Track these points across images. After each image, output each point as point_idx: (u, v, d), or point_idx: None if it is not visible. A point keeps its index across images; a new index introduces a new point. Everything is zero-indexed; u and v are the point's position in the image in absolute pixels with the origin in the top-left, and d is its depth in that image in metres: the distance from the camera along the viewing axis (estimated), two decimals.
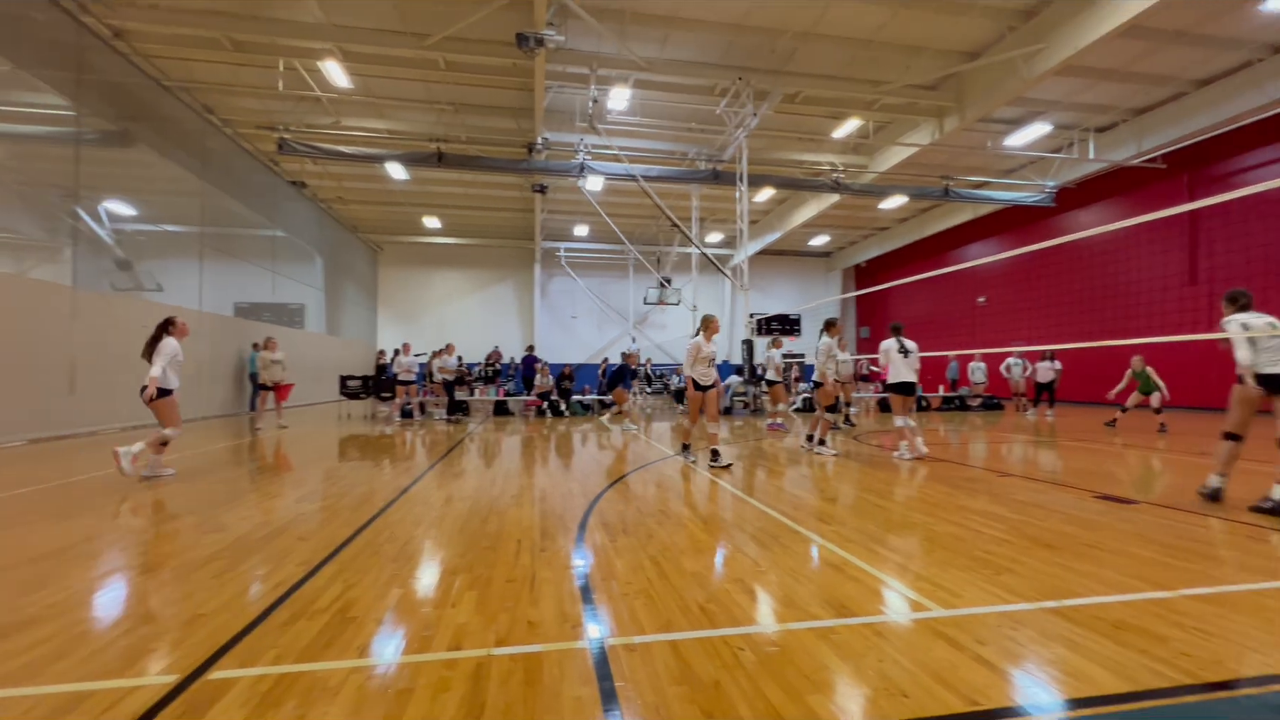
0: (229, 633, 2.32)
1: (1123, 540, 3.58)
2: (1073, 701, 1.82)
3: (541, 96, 11.85)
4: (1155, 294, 15.37)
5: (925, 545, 3.49)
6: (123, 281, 11.60)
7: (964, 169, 17.22)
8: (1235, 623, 2.40)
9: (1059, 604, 2.59)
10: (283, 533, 3.79)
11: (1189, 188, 14.64)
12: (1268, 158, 13.17)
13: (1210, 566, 3.10)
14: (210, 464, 6.75)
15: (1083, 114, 14.02)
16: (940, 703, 1.80)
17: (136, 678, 1.98)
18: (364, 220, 22.48)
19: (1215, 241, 14.11)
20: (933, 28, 10.75)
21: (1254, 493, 4.64)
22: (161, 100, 12.18)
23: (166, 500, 4.76)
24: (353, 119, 14.04)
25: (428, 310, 25.03)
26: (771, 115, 13.22)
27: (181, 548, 3.46)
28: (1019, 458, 7.31)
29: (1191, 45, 10.98)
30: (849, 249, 26.92)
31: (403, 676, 1.99)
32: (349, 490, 5.20)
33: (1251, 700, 1.84)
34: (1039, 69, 10.45)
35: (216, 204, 13.92)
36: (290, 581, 2.89)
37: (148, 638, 2.28)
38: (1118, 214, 16.23)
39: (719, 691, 1.88)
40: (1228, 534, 3.76)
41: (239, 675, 1.99)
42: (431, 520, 4.13)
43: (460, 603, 2.63)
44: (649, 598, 2.68)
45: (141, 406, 9.13)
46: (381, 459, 7.23)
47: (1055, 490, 5.16)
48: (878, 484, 5.50)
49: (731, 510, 4.48)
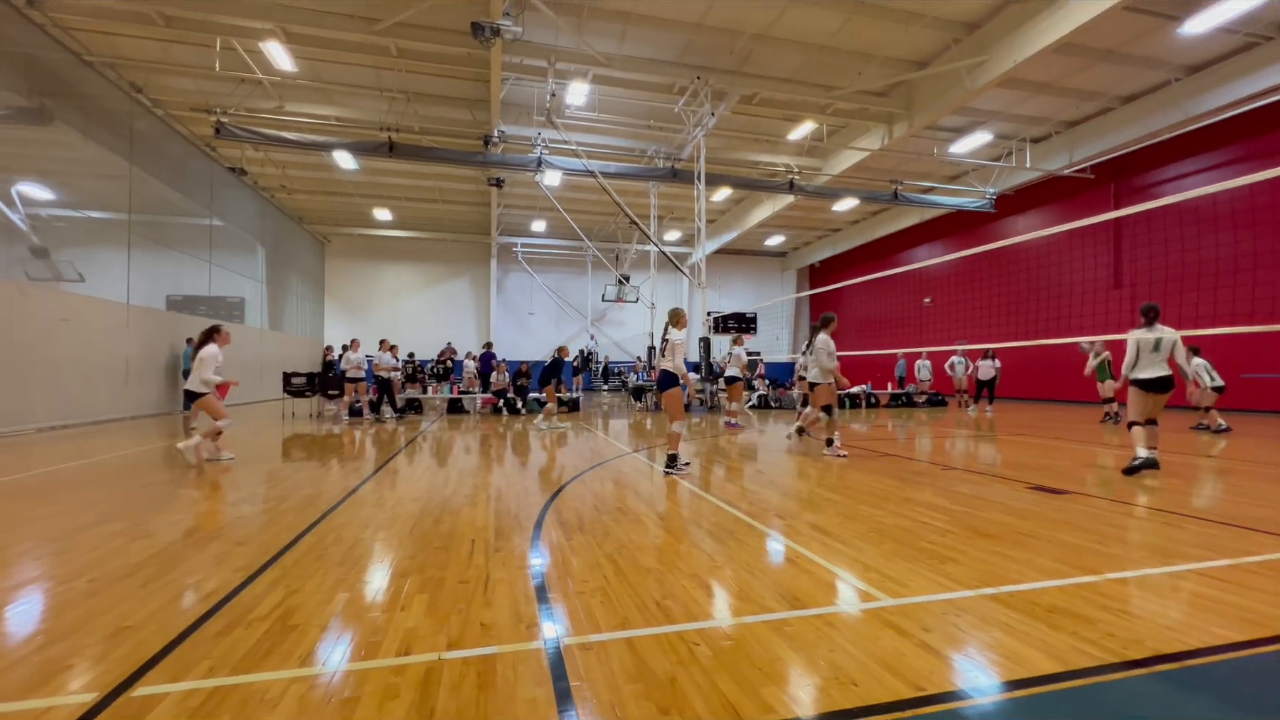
0: (157, 645, 2.17)
1: (1054, 528, 3.78)
2: (1009, 683, 1.91)
3: (498, 88, 11.64)
4: (1085, 296, 16.36)
5: (874, 537, 3.60)
6: (39, 271, 10.75)
7: (912, 174, 17.87)
8: (1153, 603, 2.57)
9: (997, 590, 2.71)
10: (218, 538, 3.59)
11: (1115, 197, 15.63)
12: (1184, 170, 14.21)
13: (1131, 551, 3.32)
14: (140, 467, 6.34)
15: (1020, 125, 14.76)
16: (888, 690, 1.86)
17: (52, 696, 1.83)
18: (310, 210, 21.58)
19: (1138, 248, 15.11)
20: (884, 36, 11.10)
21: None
22: (84, 76, 11.33)
23: (88, 506, 4.44)
24: (298, 104, 13.43)
25: (378, 305, 24.26)
26: (729, 115, 13.38)
27: (104, 556, 3.23)
28: (961, 452, 7.64)
29: (1118, 64, 11.72)
30: (803, 249, 27.56)
31: (348, 685, 1.91)
32: (292, 492, 4.98)
33: (1168, 675, 1.97)
34: (981, 80, 10.94)
35: (146, 189, 13.05)
36: (226, 589, 2.74)
37: (65, 653, 2.12)
38: (1051, 220, 17.19)
39: (675, 687, 1.88)
40: (1148, 521, 4.02)
41: (168, 690, 1.87)
42: (381, 522, 3.99)
43: (410, 606, 2.55)
44: (605, 595, 2.66)
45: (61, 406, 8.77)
46: (328, 459, 6.96)
47: (994, 482, 5.42)
48: (828, 478, 5.64)
49: (688, 507, 4.51)
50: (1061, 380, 17.08)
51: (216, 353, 6.50)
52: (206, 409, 6.43)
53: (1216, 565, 3.07)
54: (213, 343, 6.54)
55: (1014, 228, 18.47)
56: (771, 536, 3.64)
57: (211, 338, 6.56)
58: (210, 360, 6.41)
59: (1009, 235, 17.76)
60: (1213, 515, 4.14)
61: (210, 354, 6.43)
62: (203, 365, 6.37)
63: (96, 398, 10.88)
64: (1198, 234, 13.77)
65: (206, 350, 6.44)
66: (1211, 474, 5.84)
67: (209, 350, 6.45)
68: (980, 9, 10.40)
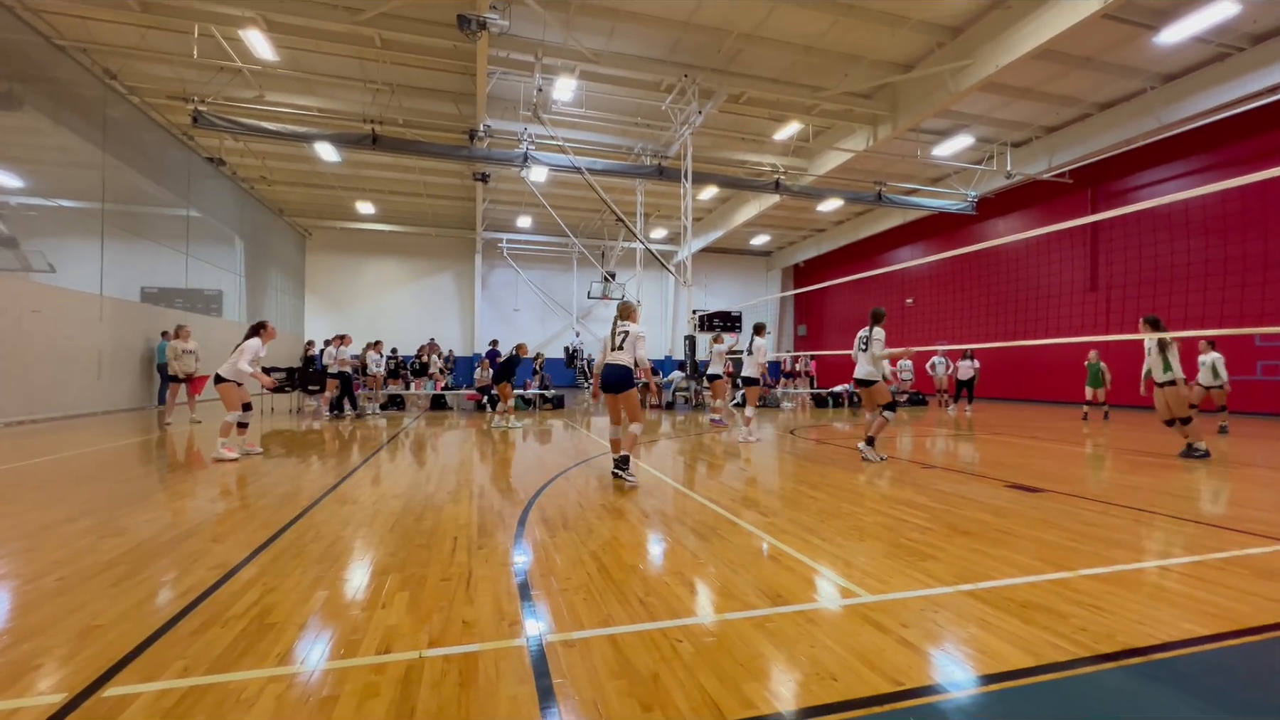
0: (129, 644, 2.12)
1: (1030, 526, 3.86)
2: (985, 677, 1.95)
3: (484, 82, 11.52)
4: (1063, 298, 16.68)
5: (855, 534, 3.64)
6: (6, 260, 10.44)
7: (895, 176, 18.06)
8: (1124, 599, 2.63)
9: (974, 587, 2.76)
10: (193, 535, 3.52)
11: (1092, 202, 15.96)
12: (1159, 176, 14.55)
13: (1104, 548, 3.39)
14: (111, 462, 6.20)
15: (1001, 129, 14.99)
16: (867, 684, 1.88)
17: (18, 698, 1.78)
18: (290, 203, 21.19)
19: (1114, 252, 15.45)
20: (870, 38, 11.19)
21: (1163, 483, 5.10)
22: (55, 61, 10.99)
23: (56, 503, 4.33)
24: (279, 94, 13.17)
25: (360, 300, 23.93)
26: (716, 114, 13.40)
27: (73, 554, 3.15)
28: (941, 450, 7.76)
29: (1096, 70, 11.95)
30: (788, 249, 27.73)
31: (326, 683, 1.88)
32: (271, 489, 4.90)
33: (1138, 669, 2.02)
34: (964, 84, 11.09)
35: (120, 179, 12.71)
36: (201, 587, 2.69)
37: (32, 653, 2.06)
38: (1031, 223, 17.51)
39: (657, 684, 1.89)
40: (1119, 518, 4.12)
41: (140, 690, 1.83)
42: (361, 519, 3.95)
43: (391, 604, 2.52)
44: (589, 593, 2.66)
45: (30, 400, 8.55)
46: (308, 455, 6.86)
47: (973, 480, 5.51)
48: (811, 476, 5.69)
49: (672, 504, 4.52)
50: (1040, 380, 17.42)
51: (259, 347, 6.51)
52: (225, 396, 6.41)
53: (1185, 561, 3.15)
54: (258, 336, 6.57)
55: (995, 230, 18.77)
56: (754, 534, 3.67)
57: (259, 331, 6.61)
58: (250, 351, 6.41)
59: (990, 237, 18.07)
60: (1185, 514, 4.26)
61: (252, 346, 6.44)
62: (241, 355, 6.37)
63: (67, 392, 10.60)
64: (1171, 239, 14.12)
65: (250, 342, 6.45)
66: (1183, 472, 5.99)
67: (252, 343, 6.46)
68: (964, 13, 10.53)
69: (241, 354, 6.39)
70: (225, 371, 6.43)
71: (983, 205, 18.35)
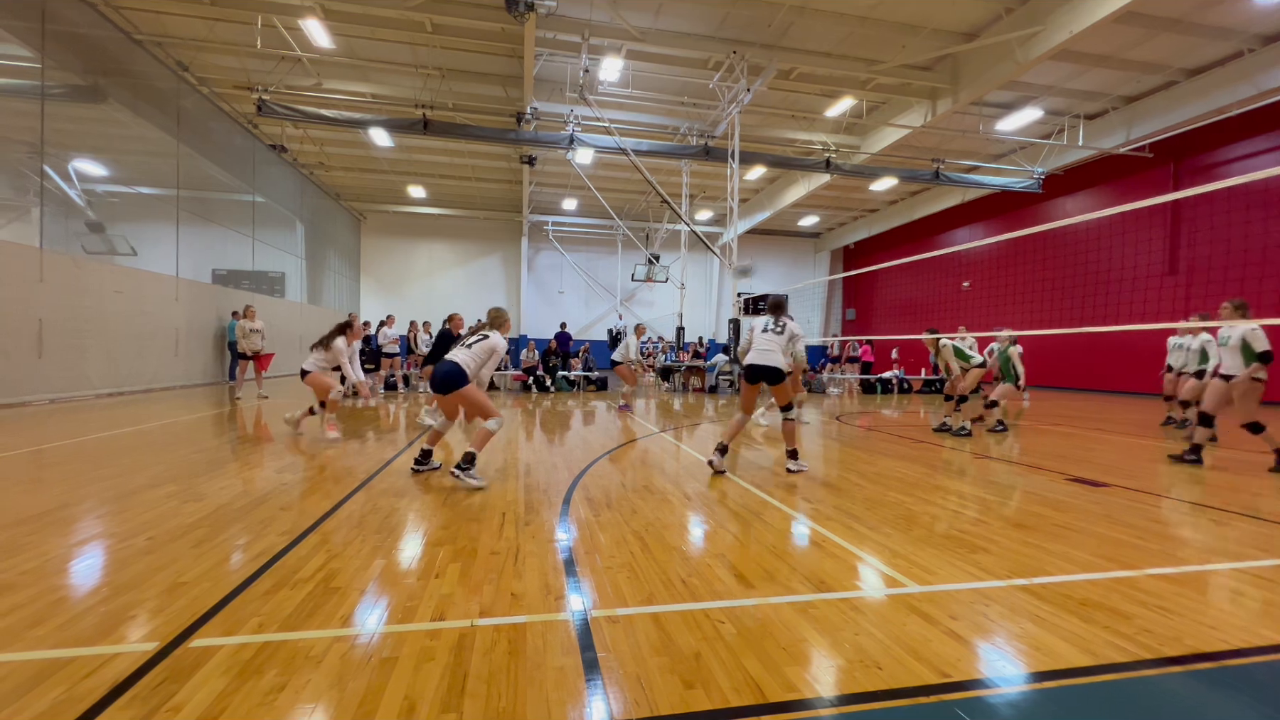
0: (210, 601, 2.31)
1: (1092, 521, 3.68)
2: (1037, 674, 1.89)
3: (531, 64, 11.56)
4: (1136, 282, 15.61)
5: (903, 524, 3.56)
6: (94, 244, 11.26)
7: (954, 152, 17.19)
8: (1195, 601, 2.49)
9: (1029, 582, 2.67)
10: (263, 503, 3.76)
11: (1175, 177, 14.78)
12: (1253, 149, 13.31)
13: (1173, 547, 3.21)
14: (189, 433, 6.66)
15: (1074, 100, 14.02)
16: (913, 674, 1.86)
17: (115, 645, 1.97)
18: (346, 187, 21.94)
19: (1197, 232, 14.31)
20: (930, 6, 10.61)
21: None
22: (133, 55, 11.65)
23: (143, 469, 4.70)
24: (335, 81, 13.58)
25: (412, 281, 24.67)
26: (765, 91, 13.05)
27: (160, 516, 3.42)
28: (996, 440, 7.46)
29: (1184, 33, 10.98)
30: (838, 230, 26.91)
31: (386, 646, 2.00)
32: (331, 462, 5.17)
33: (1207, 675, 1.92)
34: (1034, 52, 10.40)
35: (193, 166, 13.47)
36: (272, 551, 2.88)
37: (127, 606, 2.27)
38: (1103, 202, 16.38)
39: (699, 663, 1.92)
40: (1191, 516, 3.89)
41: (220, 643, 1.99)
42: (415, 493, 4.13)
43: (444, 574, 2.64)
44: (632, 571, 2.71)
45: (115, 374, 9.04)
46: (364, 431, 7.18)
47: (1030, 472, 5.29)
48: (858, 463, 5.59)
49: (714, 488, 4.53)
50: (1107, 369, 16.44)
51: (343, 348, 6.58)
52: (316, 386, 6.50)
53: (1265, 565, 2.95)
54: (344, 336, 6.62)
55: (1062, 209, 17.67)
56: (797, 520, 3.64)
57: (344, 331, 6.65)
58: (340, 353, 6.54)
59: (1056, 217, 17.06)
60: (1263, 513, 3.98)
61: (338, 348, 6.52)
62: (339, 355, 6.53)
63: (148, 366, 11.41)
64: (1265, 218, 12.95)
65: (338, 343, 6.52)
66: (1266, 473, 5.58)
67: (338, 343, 6.54)
68: None
69: (338, 354, 6.52)
70: (310, 366, 6.52)
71: (1049, 183, 17.28)
